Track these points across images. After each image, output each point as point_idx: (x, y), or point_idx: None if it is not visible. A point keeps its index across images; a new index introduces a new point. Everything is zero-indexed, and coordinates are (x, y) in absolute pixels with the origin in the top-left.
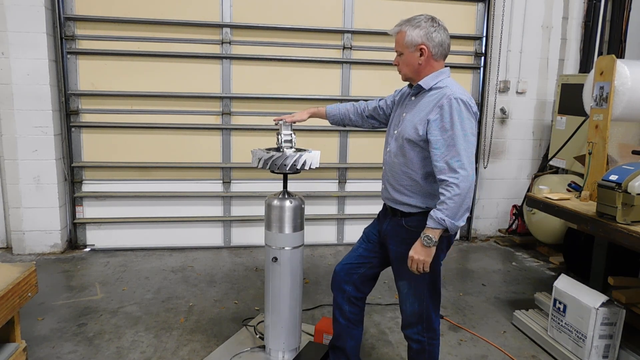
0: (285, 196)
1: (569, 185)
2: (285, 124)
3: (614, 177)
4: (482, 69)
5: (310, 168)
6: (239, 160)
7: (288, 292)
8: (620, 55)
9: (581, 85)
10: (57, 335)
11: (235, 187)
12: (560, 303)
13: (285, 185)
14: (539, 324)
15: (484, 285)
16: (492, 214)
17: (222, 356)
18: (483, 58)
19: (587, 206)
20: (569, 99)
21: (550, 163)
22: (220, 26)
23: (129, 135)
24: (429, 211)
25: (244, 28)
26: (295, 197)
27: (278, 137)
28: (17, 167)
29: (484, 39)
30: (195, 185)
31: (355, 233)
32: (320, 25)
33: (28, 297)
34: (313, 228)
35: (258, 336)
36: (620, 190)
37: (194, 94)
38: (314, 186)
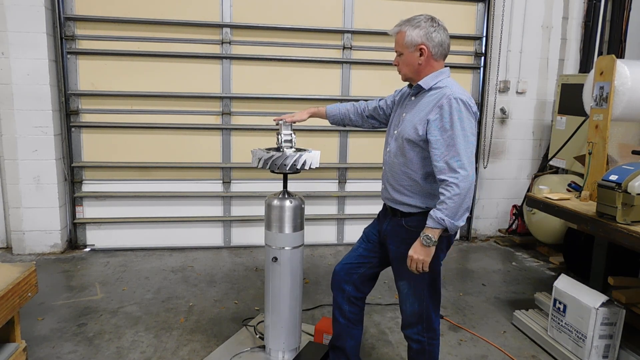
0: (285, 196)
1: (569, 185)
2: (285, 124)
3: (614, 177)
4: (482, 69)
5: (310, 168)
6: (239, 160)
7: (288, 292)
8: (620, 55)
9: (581, 85)
10: (57, 335)
11: (235, 187)
12: (560, 303)
13: (285, 185)
14: (539, 324)
15: (484, 285)
16: (492, 214)
17: (222, 356)
18: (483, 58)
19: (587, 206)
20: (569, 99)
21: (550, 163)
22: (220, 26)
23: (129, 135)
24: (429, 211)
25: (244, 28)
26: (295, 197)
27: (278, 137)
28: (17, 167)
29: (484, 39)
30: (195, 185)
31: (355, 233)
32: (320, 25)
33: (28, 297)
34: (313, 228)
35: (258, 336)
36: (620, 190)
37: (194, 94)
38: (314, 186)
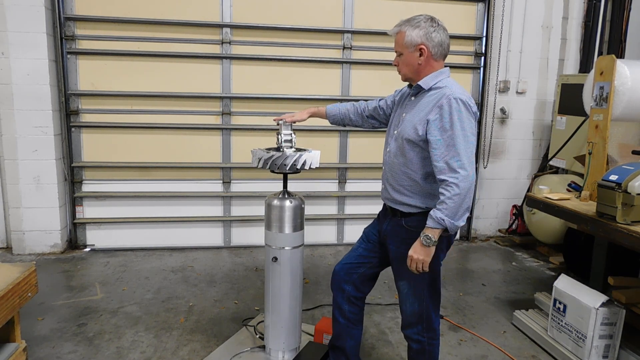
0: (285, 196)
1: (569, 185)
2: (285, 123)
3: (614, 177)
4: (482, 69)
5: (310, 168)
6: (239, 160)
7: (288, 292)
8: (620, 55)
9: (581, 85)
10: (57, 335)
11: (235, 187)
12: (560, 303)
13: (285, 185)
14: (539, 324)
15: (484, 285)
16: (492, 214)
17: (222, 356)
18: (483, 58)
19: (587, 206)
20: (569, 99)
21: (550, 163)
22: (220, 26)
23: (129, 135)
24: (428, 211)
25: (244, 28)
26: (295, 197)
27: (278, 137)
28: (17, 167)
29: (484, 39)
30: (195, 185)
31: (355, 233)
32: (320, 25)
33: (28, 297)
34: (313, 228)
35: (258, 336)
36: (620, 190)
37: (194, 94)
38: (314, 186)
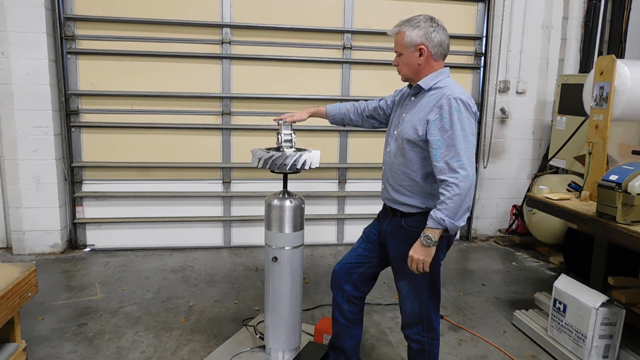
0: (285, 196)
1: (569, 185)
2: (285, 123)
3: (614, 177)
4: (482, 69)
5: (310, 168)
6: (239, 160)
7: (288, 292)
8: (620, 55)
9: (581, 85)
10: (57, 335)
11: (235, 187)
12: (560, 303)
13: (285, 185)
14: (539, 324)
15: (484, 285)
16: (492, 214)
17: (222, 356)
18: (483, 58)
19: (587, 206)
20: (569, 99)
21: (550, 163)
22: (220, 26)
23: (129, 135)
24: (428, 211)
25: (244, 28)
26: (295, 197)
27: (278, 137)
28: (17, 167)
29: (484, 39)
30: (195, 185)
31: (355, 233)
32: (320, 25)
33: (28, 297)
34: (313, 228)
35: (258, 336)
36: (620, 190)
37: (194, 94)
38: (314, 186)
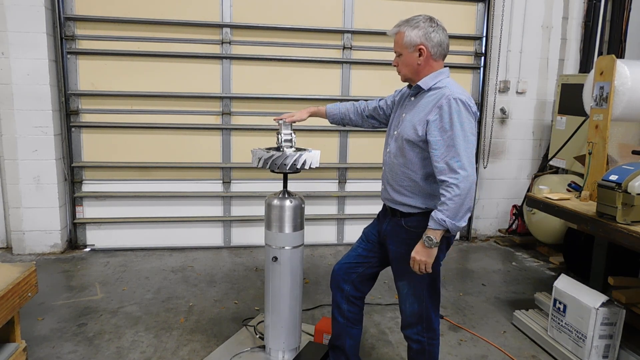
0: (285, 195)
1: (569, 185)
2: (285, 123)
3: (614, 177)
4: (482, 69)
5: (310, 167)
6: (239, 160)
7: (288, 292)
8: (620, 55)
9: (581, 85)
10: (57, 335)
11: (235, 187)
12: (560, 303)
13: (285, 185)
14: (539, 324)
15: (484, 285)
16: (492, 214)
17: (222, 356)
18: (483, 58)
19: (587, 206)
20: (569, 99)
21: (550, 163)
22: (220, 26)
23: (129, 135)
24: (428, 211)
25: (244, 28)
26: (295, 197)
27: (278, 137)
28: (17, 167)
29: (484, 39)
30: (195, 185)
31: (355, 233)
32: (320, 25)
33: (28, 297)
34: (313, 228)
35: (258, 336)
36: (620, 190)
37: (194, 94)
38: (314, 186)
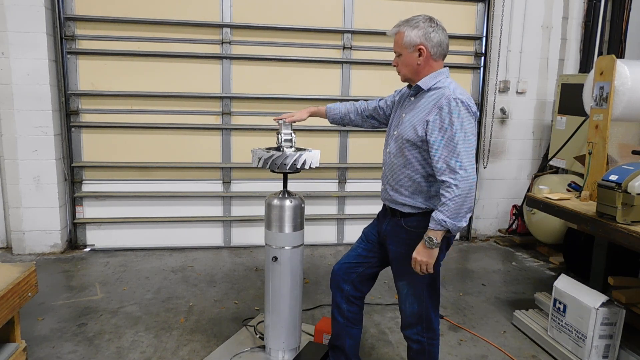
0: (285, 195)
1: (569, 185)
2: (285, 123)
3: (614, 177)
4: (482, 69)
5: (310, 167)
6: (239, 160)
7: (288, 292)
8: (620, 55)
9: (581, 85)
10: (57, 335)
11: (235, 187)
12: (560, 303)
13: (285, 185)
14: (539, 324)
15: (484, 285)
16: (492, 214)
17: (222, 356)
18: (483, 58)
19: (587, 206)
20: (569, 99)
21: (550, 163)
22: (220, 26)
23: (129, 135)
24: (429, 212)
25: (244, 28)
26: (295, 197)
27: (278, 137)
28: (17, 167)
29: (484, 39)
30: (195, 185)
31: (355, 233)
32: (320, 25)
33: (28, 297)
34: (313, 228)
35: (258, 336)
36: (620, 190)
37: (194, 94)
38: (314, 186)
